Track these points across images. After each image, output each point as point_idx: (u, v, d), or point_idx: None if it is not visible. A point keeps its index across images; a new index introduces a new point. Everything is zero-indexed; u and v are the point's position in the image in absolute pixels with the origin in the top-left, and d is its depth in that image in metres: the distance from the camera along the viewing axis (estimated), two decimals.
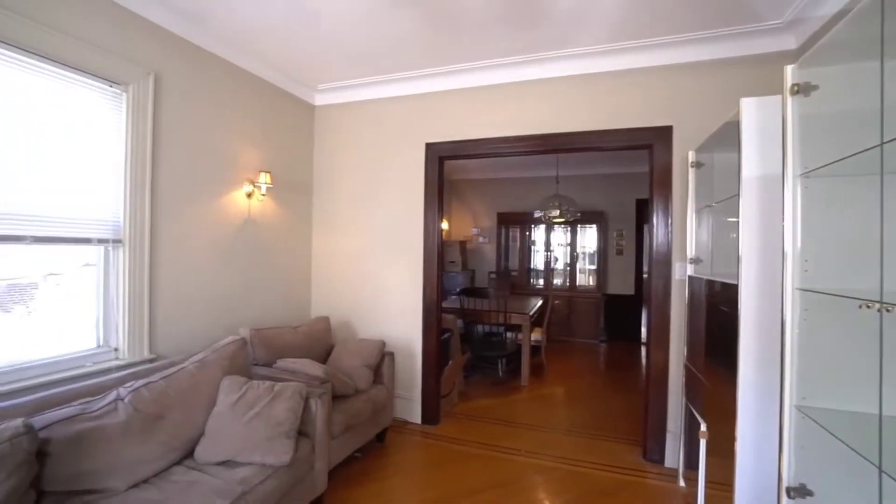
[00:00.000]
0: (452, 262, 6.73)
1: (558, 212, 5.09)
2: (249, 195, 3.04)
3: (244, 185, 3.00)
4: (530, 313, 4.54)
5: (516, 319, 4.42)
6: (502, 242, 7.31)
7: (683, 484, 2.51)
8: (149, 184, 2.40)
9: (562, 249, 7.18)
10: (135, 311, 2.35)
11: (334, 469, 2.38)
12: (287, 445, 1.88)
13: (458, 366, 3.85)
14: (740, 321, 1.60)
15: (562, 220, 5.39)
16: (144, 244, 2.39)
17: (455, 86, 3.26)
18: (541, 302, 5.41)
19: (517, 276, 7.19)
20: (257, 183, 3.03)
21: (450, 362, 3.66)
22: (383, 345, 2.94)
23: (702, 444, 2.03)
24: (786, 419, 1.27)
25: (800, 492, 1.24)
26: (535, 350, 4.94)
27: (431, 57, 2.99)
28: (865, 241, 1.15)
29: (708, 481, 2.03)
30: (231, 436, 1.87)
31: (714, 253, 2.32)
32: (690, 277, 2.49)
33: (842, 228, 1.28)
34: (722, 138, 2.03)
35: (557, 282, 7.09)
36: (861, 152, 1.04)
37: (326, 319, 3.17)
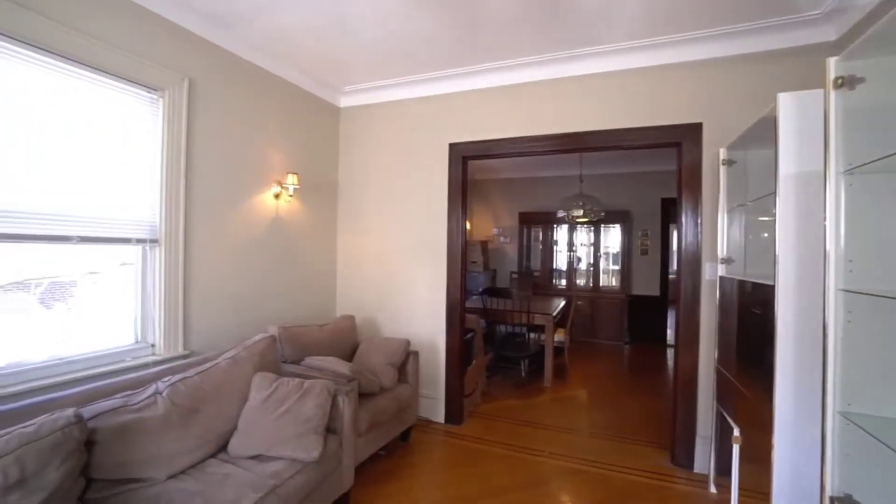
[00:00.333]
0: (474, 262, 6.73)
1: (582, 211, 5.02)
2: (277, 196, 3.11)
3: (272, 186, 3.08)
4: (553, 314, 4.50)
5: (539, 320, 4.39)
6: (524, 242, 7.26)
7: (714, 490, 2.45)
8: (183, 186, 2.48)
9: (585, 249, 7.08)
10: (170, 308, 2.44)
11: (360, 466, 2.41)
12: (316, 441, 1.92)
13: (481, 366, 3.85)
14: (777, 323, 1.55)
15: (585, 219, 5.32)
16: (179, 244, 2.48)
17: (478, 85, 3.26)
18: (564, 302, 5.35)
19: (539, 277, 7.13)
20: (285, 184, 3.10)
21: (473, 362, 3.66)
22: (408, 343, 2.96)
23: (735, 449, 1.98)
24: (829, 426, 1.22)
25: (845, 502, 1.19)
26: (558, 351, 4.89)
27: (455, 57, 3.00)
28: None
29: (741, 489, 1.97)
30: (262, 431, 1.92)
31: (747, 253, 2.26)
32: (721, 278, 2.43)
33: (889, 227, 1.22)
34: (756, 135, 1.97)
35: (580, 282, 7.01)
36: None
37: (352, 318, 3.22)
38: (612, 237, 6.91)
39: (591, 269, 6.93)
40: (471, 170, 3.43)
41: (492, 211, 7.44)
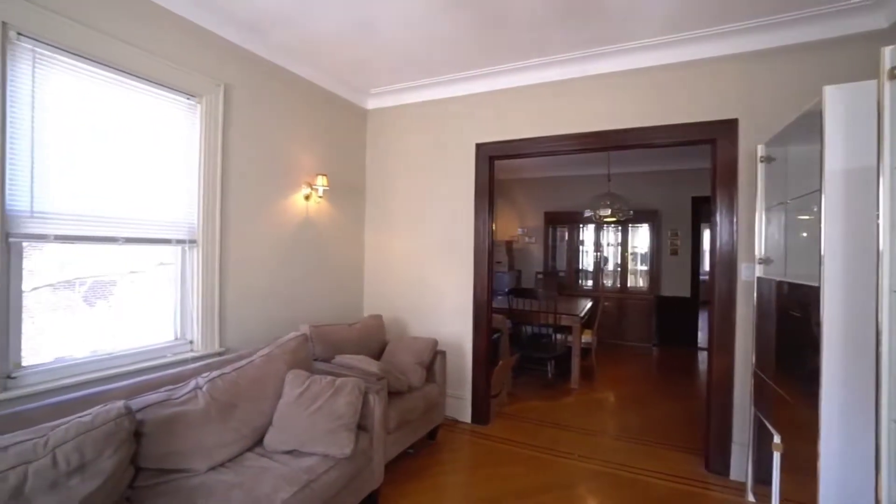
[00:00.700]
0: (499, 262, 6.71)
1: (610, 211, 4.93)
2: (307, 197, 3.18)
3: (302, 187, 3.15)
4: (580, 315, 4.43)
5: (566, 321, 4.33)
6: (549, 242, 7.18)
7: (753, 499, 2.36)
8: (219, 188, 2.57)
9: (612, 249, 6.95)
10: (207, 306, 2.53)
11: (389, 463, 2.43)
12: (348, 438, 1.95)
13: (507, 366, 3.83)
14: (823, 326, 1.49)
15: (613, 219, 5.22)
16: (215, 244, 2.57)
17: (505, 85, 3.25)
18: (591, 303, 5.27)
19: (565, 277, 7.04)
20: (314, 185, 3.16)
21: (500, 362, 3.65)
22: (436, 343, 2.98)
23: (775, 457, 1.91)
24: (883, 435, 1.17)
25: None
26: (585, 352, 4.82)
27: (482, 57, 3.00)
28: None
29: (783, 499, 1.90)
30: (296, 427, 1.97)
31: (788, 253, 2.17)
32: (759, 279, 2.34)
33: None
34: (798, 130, 1.89)
35: (607, 283, 6.88)
36: None
37: (380, 317, 3.26)
38: (641, 237, 6.76)
39: (619, 269, 6.80)
40: (496, 170, 3.42)
41: (516, 211, 7.39)
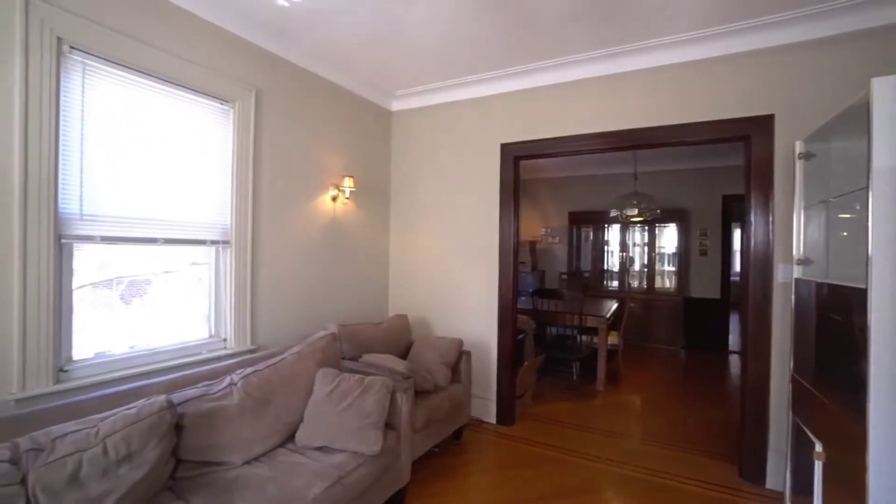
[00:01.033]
0: (522, 262, 6.67)
1: (637, 210, 4.83)
2: (334, 199, 3.24)
3: (329, 189, 3.21)
4: (606, 316, 4.37)
5: (592, 322, 4.27)
6: (574, 242, 7.09)
7: None
8: (251, 190, 2.65)
9: (638, 250, 6.81)
10: (240, 305, 2.61)
11: (415, 462, 2.46)
12: (377, 436, 1.98)
13: (533, 367, 3.81)
14: (870, 331, 1.43)
15: (640, 219, 5.12)
16: (247, 245, 2.64)
17: (530, 85, 3.23)
18: (616, 304, 5.18)
19: (590, 278, 6.94)
20: (342, 187, 3.22)
21: (525, 363, 3.63)
22: (461, 343, 2.99)
23: (817, 466, 1.83)
24: None
25: None
26: (611, 354, 4.74)
27: (506, 57, 2.99)
28: None
29: None
30: (327, 424, 2.01)
31: (830, 253, 2.09)
32: (797, 280, 2.26)
33: None
34: (842, 125, 1.82)
35: (633, 283, 6.75)
36: None
37: (405, 317, 3.29)
38: (668, 237, 6.60)
39: (646, 270, 6.66)
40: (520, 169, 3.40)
41: (540, 211, 7.33)
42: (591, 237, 7.03)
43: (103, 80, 1.99)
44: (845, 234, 1.96)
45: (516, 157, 3.31)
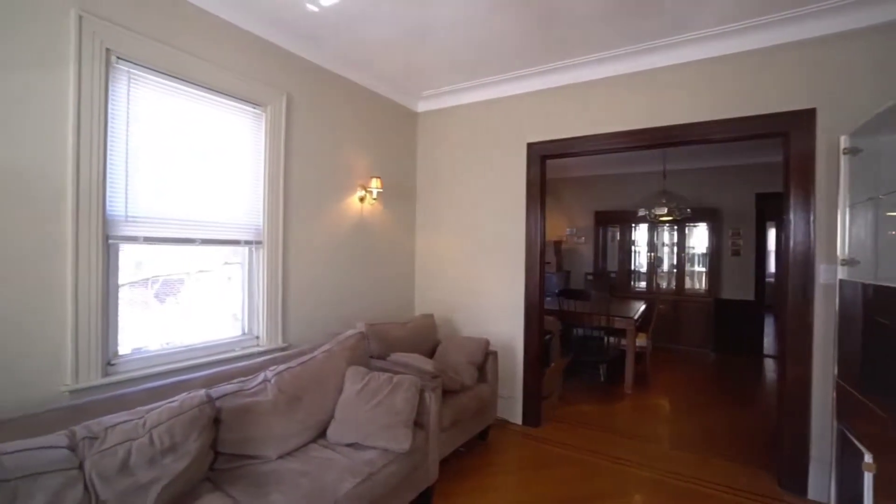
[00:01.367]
0: (547, 262, 6.61)
1: (666, 210, 4.72)
2: (362, 199, 3.29)
3: (357, 190, 3.27)
4: (635, 317, 4.28)
5: (620, 323, 4.19)
6: (600, 242, 6.98)
7: None
8: (282, 192, 2.72)
9: (666, 250, 6.65)
10: (272, 304, 2.68)
11: (442, 462, 2.46)
12: (406, 434, 2.00)
13: (559, 368, 3.77)
14: None
15: (669, 218, 5.00)
16: (278, 245, 2.71)
17: (557, 83, 3.20)
18: (644, 306, 5.07)
19: (616, 278, 6.82)
20: (369, 188, 3.27)
21: (551, 364, 3.60)
22: (488, 343, 2.99)
23: (866, 478, 1.75)
24: None
25: None
26: (639, 356, 4.65)
27: (532, 56, 2.97)
28: None
29: None
30: (357, 421, 2.05)
31: (880, 253, 1.99)
32: (842, 281, 2.16)
33: None
34: (893, 118, 1.73)
35: (662, 284, 6.59)
36: None
37: (431, 317, 3.31)
38: (698, 237, 6.42)
39: (675, 270, 6.49)
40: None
41: (565, 210, 7.24)
42: (618, 237, 6.90)
43: (146, 87, 2.08)
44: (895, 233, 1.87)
45: (543, 157, 3.28)
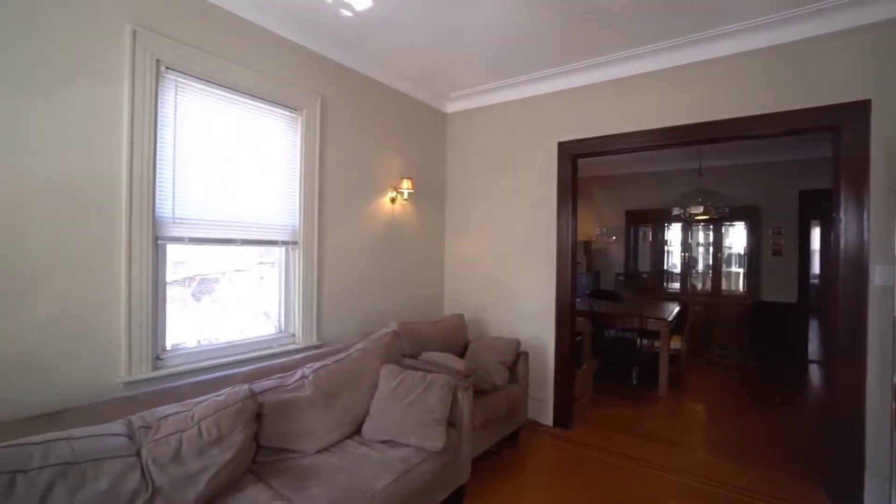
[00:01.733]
0: (578, 262, 6.50)
1: (702, 208, 4.56)
2: (393, 200, 3.34)
3: (389, 191, 3.31)
4: (669, 319, 4.16)
5: (653, 325, 4.09)
6: (631, 242, 6.82)
7: None
8: (317, 193, 2.79)
9: (701, 250, 6.44)
10: (307, 302, 2.75)
11: (473, 462, 2.45)
12: (440, 433, 2.02)
13: (591, 370, 3.71)
14: None
15: (705, 217, 4.83)
16: (314, 246, 2.78)
17: (589, 81, 3.15)
18: (678, 307, 4.92)
19: (648, 279, 6.64)
20: (400, 189, 3.31)
21: (583, 366, 3.54)
22: (519, 344, 2.97)
23: None
24: None
25: None
26: (672, 359, 4.51)
27: (563, 54, 2.94)
28: None
29: None
30: (392, 418, 2.08)
31: None
32: None
33: None
34: None
35: (697, 285, 6.38)
36: None
37: (462, 316, 3.32)
38: (736, 236, 6.18)
39: (710, 271, 6.27)
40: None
41: (595, 210, 7.11)
42: (650, 237, 6.72)
43: (191, 95, 2.17)
44: None
45: (575, 156, 3.24)
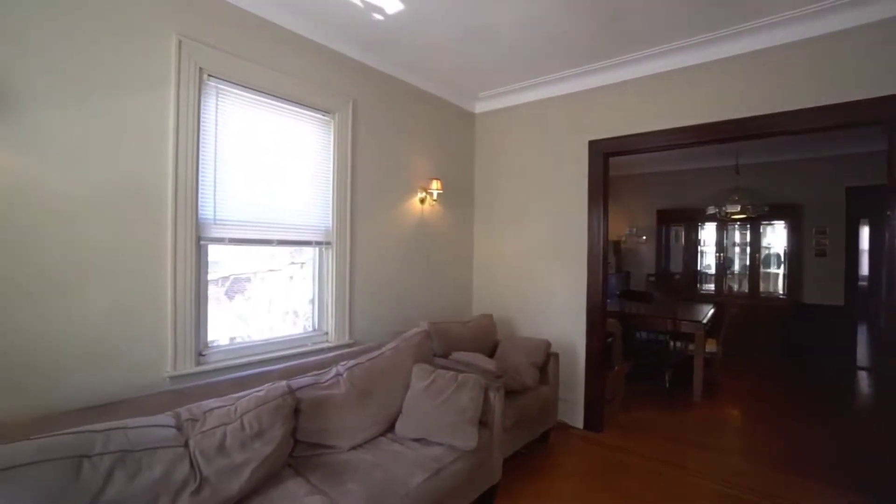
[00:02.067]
0: (607, 262, 6.40)
1: (739, 207, 4.40)
2: (422, 201, 3.36)
3: (418, 192, 3.34)
4: (704, 321, 4.03)
5: (687, 328, 3.97)
6: (662, 242, 6.64)
7: None
8: (349, 195, 2.84)
9: (737, 250, 6.21)
10: (340, 302, 2.80)
11: (504, 462, 2.45)
12: (472, 432, 2.02)
13: (622, 372, 3.64)
14: None
15: (742, 216, 4.65)
16: (346, 246, 2.83)
17: (621, 78, 3.09)
18: (713, 309, 4.76)
19: (680, 280, 6.45)
20: (429, 189, 3.33)
21: (615, 368, 3.48)
22: (549, 345, 2.94)
23: None
24: None
25: None
26: (707, 363, 4.37)
27: (594, 52, 2.89)
28: None
29: None
30: (424, 417, 2.10)
31: None
32: None
33: None
34: None
35: (732, 287, 6.16)
36: None
37: (491, 316, 3.32)
38: (775, 236, 5.93)
39: (747, 272, 6.04)
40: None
41: (625, 209, 6.96)
42: (683, 236, 6.53)
43: (230, 101, 2.25)
44: None
45: (606, 154, 3.18)
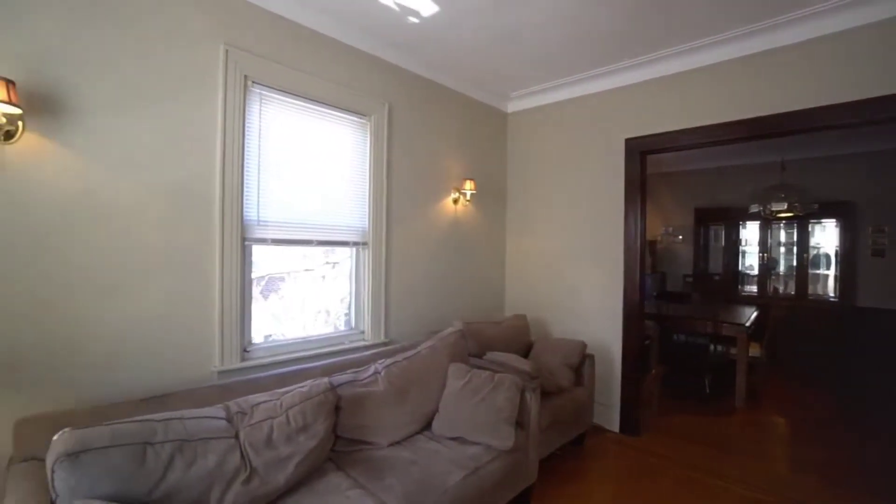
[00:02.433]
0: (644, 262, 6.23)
1: (785, 205, 4.19)
2: (455, 201, 3.38)
3: (451, 192, 3.36)
4: (747, 324, 3.87)
5: (729, 330, 3.82)
6: (700, 242, 6.41)
7: None
8: (384, 195, 2.88)
9: (782, 250, 5.92)
10: (376, 301, 2.85)
11: (540, 463, 2.44)
12: (509, 432, 2.02)
13: (659, 376, 3.54)
14: None
15: (789, 214, 4.43)
16: (381, 246, 2.88)
17: (657, 74, 3.01)
18: (757, 312, 4.55)
19: (720, 281, 6.21)
20: (462, 190, 3.35)
21: (652, 371, 3.39)
22: (584, 346, 2.90)
23: None
24: None
25: None
26: (750, 368, 4.19)
27: (628, 48, 2.83)
28: None
29: None
30: (461, 416, 2.11)
31: None
32: None
33: None
34: None
35: (778, 288, 5.87)
36: None
37: (524, 317, 3.30)
38: (825, 235, 5.62)
39: (794, 273, 5.75)
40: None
41: (660, 208, 6.75)
42: (723, 236, 6.28)
43: (273, 106, 2.34)
44: None
45: (643, 153, 3.10)
